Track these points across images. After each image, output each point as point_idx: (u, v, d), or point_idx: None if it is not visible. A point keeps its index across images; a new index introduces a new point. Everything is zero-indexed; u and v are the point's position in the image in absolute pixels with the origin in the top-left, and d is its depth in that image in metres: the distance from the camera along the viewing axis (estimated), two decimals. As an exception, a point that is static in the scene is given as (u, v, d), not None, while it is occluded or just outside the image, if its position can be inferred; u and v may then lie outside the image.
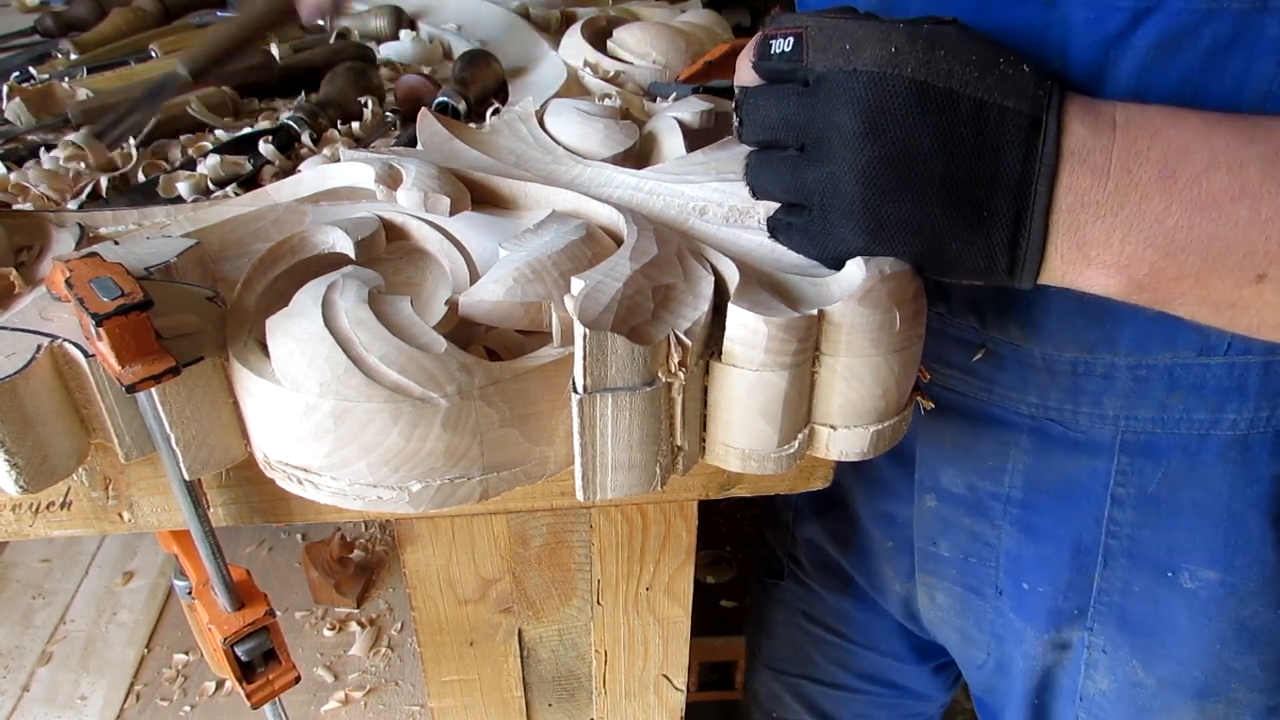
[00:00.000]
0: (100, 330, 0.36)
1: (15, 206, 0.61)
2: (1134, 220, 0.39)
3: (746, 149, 0.46)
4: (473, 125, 0.60)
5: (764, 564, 1.01)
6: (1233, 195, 0.39)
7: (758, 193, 0.45)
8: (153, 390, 0.37)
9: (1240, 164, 0.39)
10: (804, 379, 0.41)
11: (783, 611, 0.97)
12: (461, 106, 0.73)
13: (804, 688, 1.00)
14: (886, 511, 0.77)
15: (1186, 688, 0.62)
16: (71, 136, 0.68)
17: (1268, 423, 0.54)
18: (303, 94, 0.80)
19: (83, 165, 0.66)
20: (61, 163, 0.65)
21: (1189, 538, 0.58)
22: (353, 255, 0.47)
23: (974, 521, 0.68)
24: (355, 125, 0.74)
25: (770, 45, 0.42)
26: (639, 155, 0.57)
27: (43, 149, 0.68)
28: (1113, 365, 0.55)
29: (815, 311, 0.39)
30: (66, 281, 0.38)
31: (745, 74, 0.44)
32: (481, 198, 0.52)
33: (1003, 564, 0.67)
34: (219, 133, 0.73)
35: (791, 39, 0.41)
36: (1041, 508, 0.63)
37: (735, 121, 0.44)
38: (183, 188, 0.63)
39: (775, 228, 0.46)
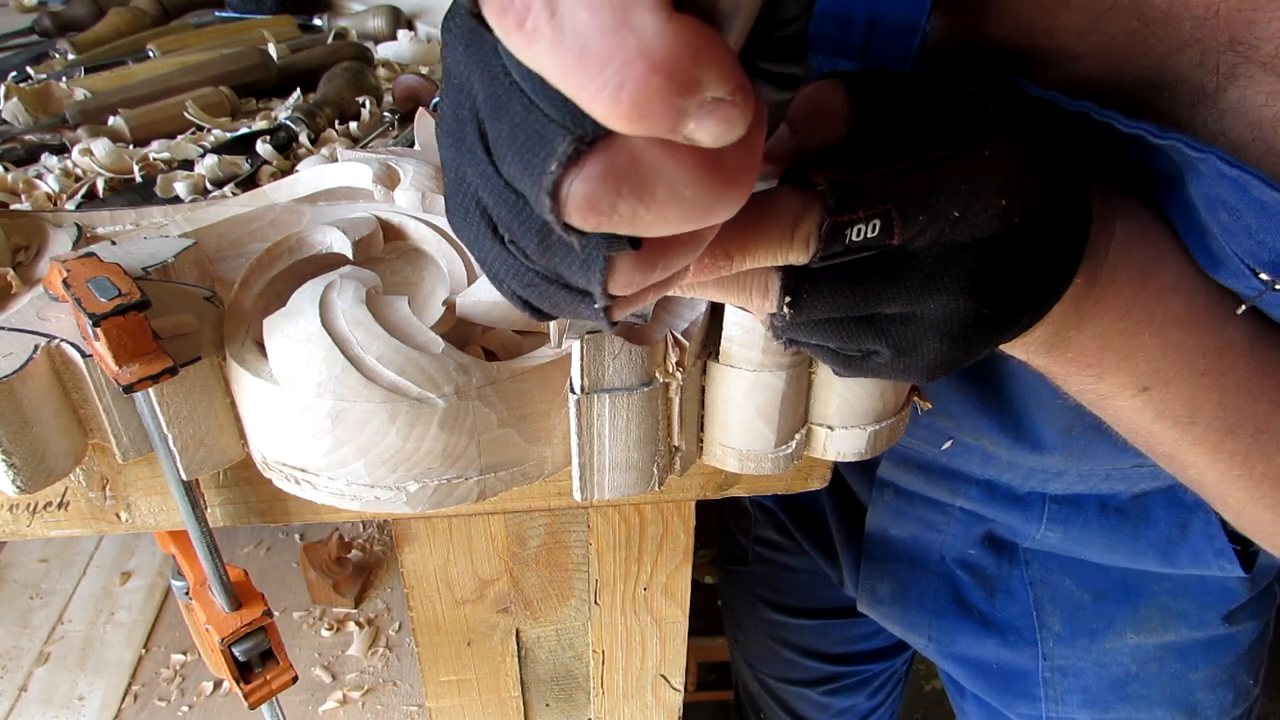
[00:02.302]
0: (98, 330, 0.36)
1: (13, 206, 0.61)
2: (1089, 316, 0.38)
3: None
4: (470, 125, 0.60)
5: (725, 552, 1.04)
6: (1179, 318, 0.39)
7: (794, 343, 0.35)
8: (150, 390, 0.37)
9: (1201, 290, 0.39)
10: (801, 379, 0.41)
11: (748, 602, 1.00)
12: (459, 107, 0.73)
13: (778, 689, 1.03)
14: (842, 501, 0.84)
15: (1117, 597, 0.73)
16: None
17: (1166, 483, 0.65)
18: (300, 94, 0.80)
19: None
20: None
21: (1098, 552, 0.72)
22: (350, 255, 0.47)
23: (927, 511, 0.77)
24: (353, 125, 0.74)
25: (846, 234, 0.30)
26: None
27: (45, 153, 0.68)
28: (1065, 469, 0.66)
29: (812, 312, 0.39)
30: (64, 281, 0.38)
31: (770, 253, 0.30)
32: (479, 198, 0.52)
33: (947, 544, 0.78)
34: (216, 133, 0.73)
35: (878, 221, 0.30)
36: (988, 516, 0.75)
37: (778, 308, 0.32)
38: (180, 188, 0.63)
39: (838, 366, 0.37)
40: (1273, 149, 0.35)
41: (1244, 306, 0.39)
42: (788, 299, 0.31)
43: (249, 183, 0.64)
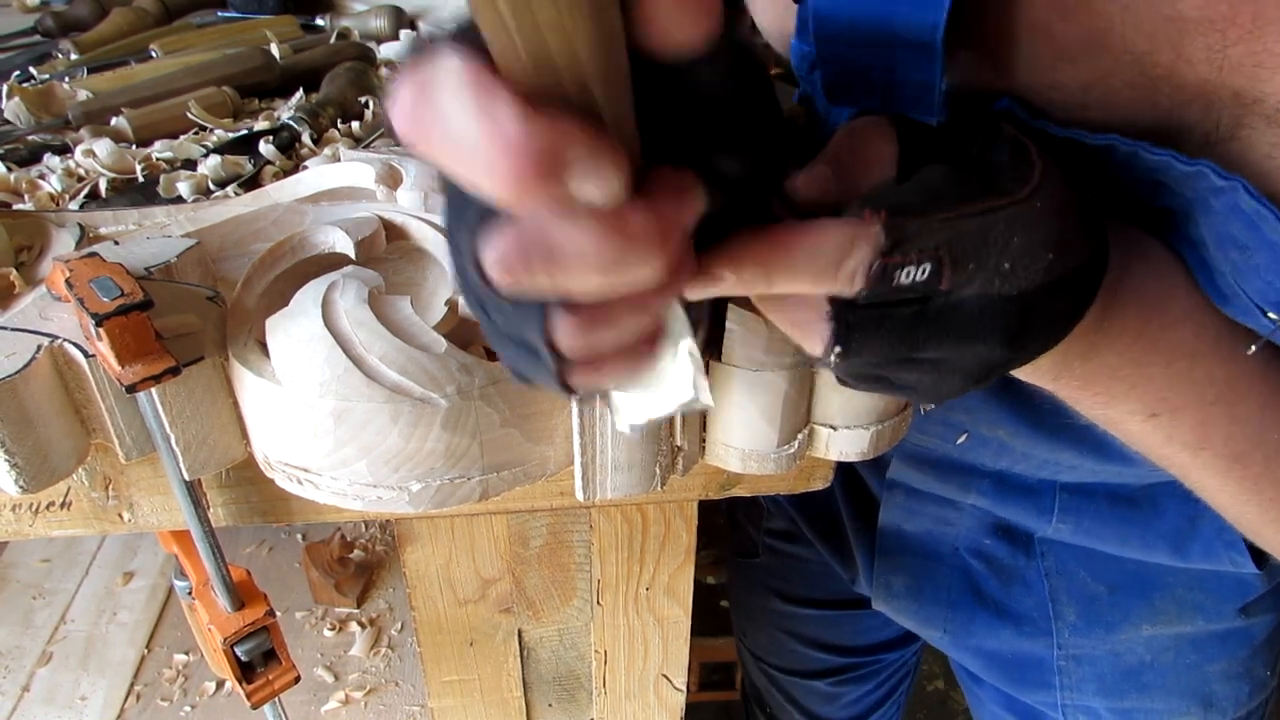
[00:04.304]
0: (100, 330, 0.36)
1: (16, 207, 0.61)
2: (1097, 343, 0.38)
3: None
4: (473, 125, 0.60)
5: (735, 545, 1.04)
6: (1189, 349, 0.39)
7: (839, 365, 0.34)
8: (153, 390, 0.37)
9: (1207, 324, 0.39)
10: (804, 379, 0.41)
11: (758, 594, 1.01)
12: (462, 106, 0.73)
13: (786, 682, 1.03)
14: (856, 496, 0.85)
15: (1131, 588, 0.73)
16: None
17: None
18: (303, 94, 0.80)
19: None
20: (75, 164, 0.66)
21: (1110, 544, 0.72)
22: (353, 255, 0.47)
23: (939, 509, 0.77)
24: (355, 125, 0.74)
25: (895, 276, 0.30)
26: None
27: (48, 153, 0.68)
28: (1078, 463, 0.65)
29: (815, 311, 0.39)
30: (67, 281, 0.38)
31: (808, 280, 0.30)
32: (481, 198, 0.52)
33: (961, 536, 0.78)
34: (219, 133, 0.74)
35: (929, 265, 0.30)
36: (999, 513, 0.75)
37: (825, 355, 0.32)
38: (183, 188, 0.63)
39: (855, 384, 0.37)
40: (1276, 200, 0.34)
41: (1254, 347, 0.39)
42: (837, 349, 0.31)
43: (251, 183, 0.64)
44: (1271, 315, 0.36)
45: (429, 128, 0.22)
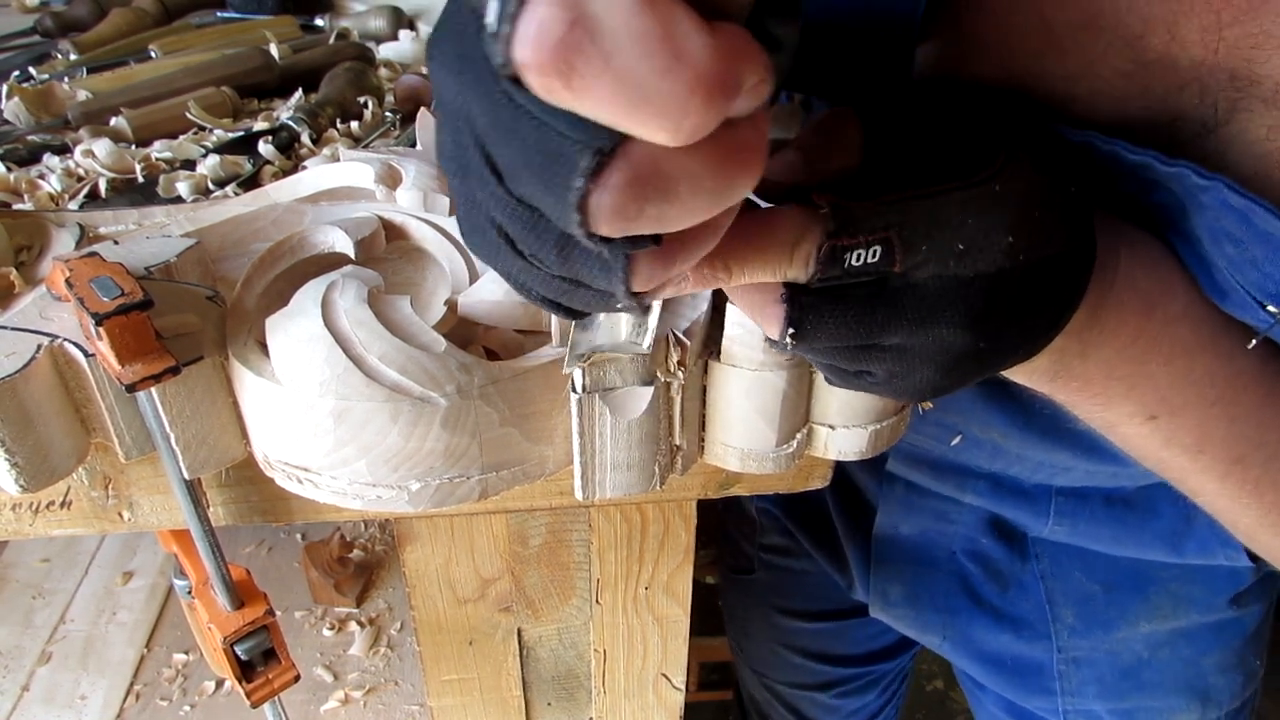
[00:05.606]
0: (100, 330, 0.36)
1: (15, 206, 0.61)
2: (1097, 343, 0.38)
3: None
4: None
5: (730, 561, 1.04)
6: (1188, 348, 0.39)
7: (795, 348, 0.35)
8: (152, 390, 0.37)
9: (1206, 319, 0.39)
10: (802, 379, 0.41)
11: (756, 609, 1.01)
12: (461, 106, 0.73)
13: (788, 694, 1.03)
14: (849, 504, 0.85)
15: (1127, 586, 0.73)
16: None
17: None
18: (302, 94, 0.80)
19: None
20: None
21: (1106, 544, 0.73)
22: (352, 255, 0.47)
23: (939, 503, 0.77)
24: (355, 125, 0.74)
25: (845, 258, 0.30)
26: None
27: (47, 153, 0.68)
28: (1073, 465, 0.65)
29: (814, 311, 0.39)
30: (66, 281, 0.38)
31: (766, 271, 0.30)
32: (481, 198, 0.52)
33: (958, 535, 0.78)
34: (218, 133, 0.74)
35: (879, 248, 0.30)
36: (996, 511, 0.75)
37: (780, 337, 0.32)
38: (182, 188, 0.63)
39: (832, 377, 0.37)
40: (1274, 182, 0.34)
41: (1253, 342, 0.38)
42: (791, 330, 0.32)
43: (251, 183, 0.65)
44: (1270, 308, 0.36)
45: (584, 56, 0.18)
